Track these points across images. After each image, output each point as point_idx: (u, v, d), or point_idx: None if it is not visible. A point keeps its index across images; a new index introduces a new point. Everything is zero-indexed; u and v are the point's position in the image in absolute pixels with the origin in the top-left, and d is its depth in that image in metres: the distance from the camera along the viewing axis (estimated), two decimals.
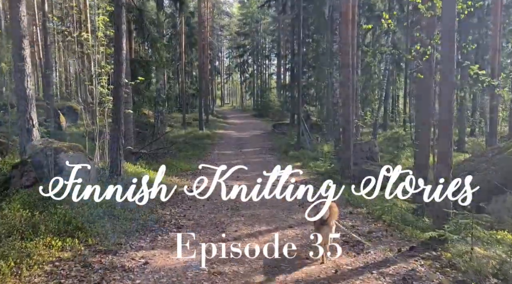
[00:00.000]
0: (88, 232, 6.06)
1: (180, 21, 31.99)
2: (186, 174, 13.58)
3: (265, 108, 41.52)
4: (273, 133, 27.05)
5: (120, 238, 6.18)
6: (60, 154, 7.75)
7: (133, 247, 5.89)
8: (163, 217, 7.81)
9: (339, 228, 6.32)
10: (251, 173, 13.99)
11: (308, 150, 19.13)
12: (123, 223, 6.84)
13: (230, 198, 9.70)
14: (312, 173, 14.29)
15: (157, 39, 14.67)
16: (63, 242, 5.54)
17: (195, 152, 18.72)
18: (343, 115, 12.14)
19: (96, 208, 6.95)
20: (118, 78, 8.87)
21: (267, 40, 53.91)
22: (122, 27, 8.71)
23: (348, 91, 11.95)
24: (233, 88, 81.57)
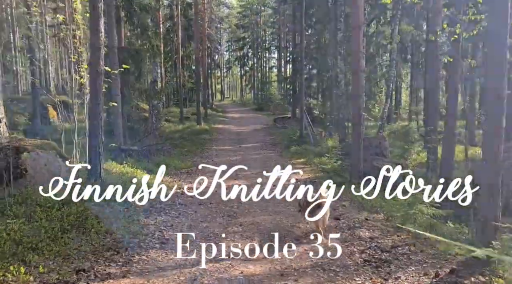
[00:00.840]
0: (46, 254, 4.75)
1: (177, 13, 30.56)
2: (180, 173, 12.28)
3: (266, 101, 40.13)
4: (274, 128, 25.71)
5: (85, 260, 4.86)
6: (22, 154, 6.44)
7: (98, 275, 4.54)
8: (145, 228, 6.49)
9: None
10: (251, 171, 12.72)
11: (312, 145, 17.82)
12: (93, 238, 5.53)
13: (228, 200, 8.48)
14: (317, 171, 12.99)
15: (147, 26, 13.32)
16: (4, 272, 4.17)
17: (191, 148, 17.42)
18: (354, 107, 10.80)
19: (62, 220, 5.66)
20: (96, 65, 7.55)
21: (267, 32, 52.39)
22: (99, 5, 7.38)
23: (359, 80, 10.59)
24: (233, 82, 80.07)
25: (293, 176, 12.15)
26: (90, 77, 7.80)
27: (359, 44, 10.57)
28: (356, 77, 10.63)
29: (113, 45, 11.90)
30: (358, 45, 10.56)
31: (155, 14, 18.50)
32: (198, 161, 14.75)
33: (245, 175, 12.15)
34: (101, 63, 7.56)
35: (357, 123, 10.71)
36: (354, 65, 10.73)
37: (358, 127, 10.69)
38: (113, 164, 9.86)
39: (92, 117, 7.80)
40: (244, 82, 58.09)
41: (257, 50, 50.03)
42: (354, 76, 10.67)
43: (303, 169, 13.53)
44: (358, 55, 10.53)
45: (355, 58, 10.57)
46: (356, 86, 10.67)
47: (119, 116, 12.26)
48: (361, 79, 10.69)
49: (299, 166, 14.04)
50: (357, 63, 10.60)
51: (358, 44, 10.55)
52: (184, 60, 37.73)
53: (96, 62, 7.53)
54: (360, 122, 10.69)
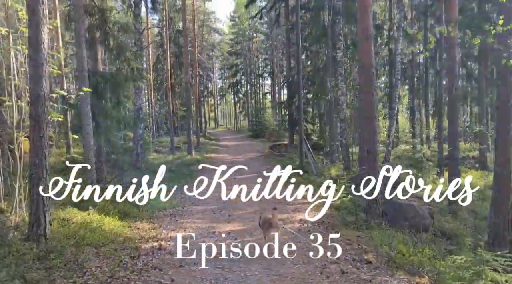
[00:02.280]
0: None
1: (166, 40, 29.03)
2: (162, 215, 10.17)
3: (261, 128, 38.27)
4: (270, 155, 23.71)
5: None
6: None
7: None
8: None
9: None
10: (247, 209, 10.66)
11: (314, 174, 15.82)
12: None
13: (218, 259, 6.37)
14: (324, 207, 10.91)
15: (125, 46, 11.47)
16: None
17: (180, 182, 15.38)
18: (367, 131, 8.84)
19: None
20: (36, 87, 5.58)
21: (260, 59, 51.15)
22: (40, 8, 5.48)
23: (372, 99, 8.70)
24: (227, 109, 78.58)
25: (297, 215, 10.11)
26: (30, 103, 5.80)
27: (371, 57, 8.73)
28: (369, 96, 8.73)
29: (83, 68, 9.99)
30: (369, 58, 8.72)
31: (139, 37, 16.71)
32: (186, 198, 12.69)
33: (241, 216, 10.07)
34: (42, 85, 5.59)
35: (371, 150, 8.73)
36: (365, 82, 8.83)
37: (373, 155, 8.71)
38: (74, 212, 7.76)
39: (33, 155, 5.77)
40: (238, 109, 56.45)
41: (250, 76, 48.63)
42: (366, 95, 8.77)
43: (307, 204, 11.48)
44: (370, 70, 8.68)
45: (367, 74, 8.70)
46: (368, 106, 8.75)
47: (91, 149, 10.23)
48: (374, 98, 8.78)
49: (302, 201, 12.00)
50: (369, 80, 8.72)
51: (370, 57, 8.72)
52: (176, 87, 36.08)
53: (37, 82, 5.57)
54: (375, 149, 8.74)
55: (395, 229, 8.14)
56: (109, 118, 11.45)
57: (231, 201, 12.11)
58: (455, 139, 11.20)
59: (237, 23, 48.33)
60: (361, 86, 9.01)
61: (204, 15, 38.27)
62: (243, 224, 9.16)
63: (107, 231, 7.23)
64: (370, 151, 8.67)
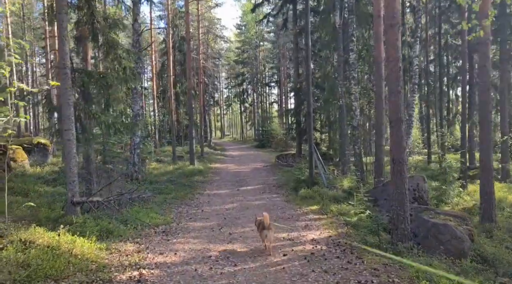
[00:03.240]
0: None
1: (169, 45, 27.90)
2: (152, 233, 8.74)
3: (267, 138, 36.89)
4: (277, 166, 22.28)
5: None
6: None
7: None
8: None
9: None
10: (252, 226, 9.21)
11: (325, 186, 14.31)
12: None
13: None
14: (339, 225, 9.44)
15: (116, 43, 10.18)
16: None
17: (179, 194, 13.94)
18: (394, 136, 7.36)
19: None
20: None
21: (267, 68, 49.97)
22: None
23: (398, 101, 7.24)
24: (234, 119, 77.40)
25: (308, 234, 8.65)
26: None
27: (397, 48, 7.29)
28: (395, 96, 7.28)
29: (65, 64, 8.69)
30: (395, 49, 7.28)
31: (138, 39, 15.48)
32: (184, 212, 11.29)
33: (243, 234, 8.62)
34: None
35: (399, 159, 7.24)
36: (392, 77, 7.39)
37: (400, 165, 7.21)
38: (39, 232, 6.36)
39: None
40: (245, 119, 55.15)
41: (257, 85, 47.43)
42: (392, 96, 7.32)
43: (319, 220, 10.03)
44: (396, 64, 7.24)
45: (393, 68, 7.26)
46: (395, 107, 7.30)
47: (72, 157, 8.88)
48: (399, 100, 7.33)
49: (313, 217, 10.54)
50: (396, 75, 7.29)
51: (396, 48, 7.28)
52: (180, 96, 34.93)
53: None
54: (403, 158, 7.24)
55: (429, 255, 6.64)
56: (96, 122, 10.09)
57: (233, 217, 10.70)
58: (489, 149, 9.71)
59: (243, 31, 47.30)
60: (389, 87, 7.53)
61: (210, 22, 37.20)
62: (245, 245, 7.72)
63: (77, 257, 5.84)
64: (397, 161, 7.19)
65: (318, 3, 21.32)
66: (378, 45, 12.35)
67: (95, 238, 7.02)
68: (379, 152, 12.65)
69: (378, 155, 12.65)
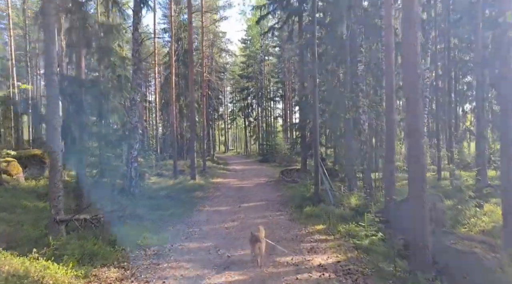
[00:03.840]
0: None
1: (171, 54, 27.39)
2: (142, 256, 7.89)
3: (272, 152, 36.04)
4: (281, 182, 21.39)
5: None
6: None
7: None
8: None
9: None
10: None
11: (331, 204, 13.43)
12: None
13: None
14: (348, 248, 8.56)
15: (109, 49, 9.49)
16: None
17: (176, 211, 13.10)
18: (410, 154, 6.52)
19: None
20: None
21: (271, 82, 49.40)
22: None
23: (417, 111, 6.42)
24: (238, 133, 76.74)
25: (314, 258, 7.77)
26: None
27: (416, 51, 6.49)
28: (413, 104, 6.48)
29: (52, 70, 7.99)
30: (414, 52, 6.50)
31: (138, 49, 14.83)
32: (180, 231, 10.45)
33: (242, 257, 7.76)
34: None
35: (418, 175, 6.39)
36: (409, 88, 6.59)
37: (420, 185, 6.36)
38: (6, 258, 5.53)
39: None
40: (249, 133, 54.40)
41: (261, 100, 46.78)
42: (410, 102, 6.52)
43: (326, 242, 9.15)
44: (414, 67, 6.44)
45: (411, 73, 6.46)
46: (413, 119, 6.48)
47: (58, 171, 8.12)
48: (420, 108, 6.52)
49: (319, 237, 9.67)
50: (414, 84, 6.49)
51: (414, 50, 6.49)
52: (183, 109, 34.33)
53: None
54: (423, 176, 6.39)
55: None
56: (87, 133, 9.35)
57: (232, 237, 9.84)
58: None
59: (248, 46, 46.89)
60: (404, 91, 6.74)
61: (215, 35, 36.78)
62: (244, 271, 6.86)
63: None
64: (415, 177, 6.35)
65: (324, 15, 20.70)
66: (389, 55, 11.60)
67: (75, 262, 6.20)
68: (390, 168, 11.77)
69: (388, 171, 11.76)
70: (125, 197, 13.80)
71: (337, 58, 19.83)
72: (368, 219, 9.25)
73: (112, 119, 10.37)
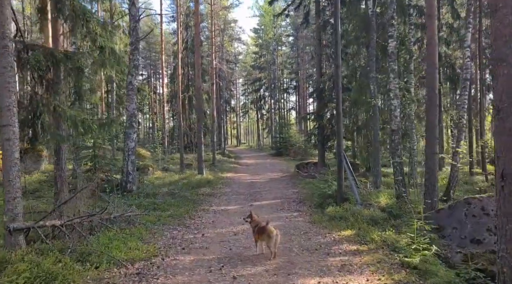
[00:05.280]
0: None
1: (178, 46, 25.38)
2: (120, 276, 5.90)
3: (285, 145, 33.89)
4: (297, 177, 19.29)
5: None
6: None
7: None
8: None
9: None
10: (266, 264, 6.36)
11: (357, 204, 11.30)
12: None
13: None
14: (391, 265, 6.42)
15: (85, 13, 7.47)
16: None
17: (177, 211, 11.10)
18: (501, 141, 4.33)
19: None
20: None
21: (285, 73, 47.12)
22: None
23: None
24: (250, 127, 74.71)
25: (349, 281, 5.70)
26: None
27: None
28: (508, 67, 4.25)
29: (4, 33, 6.01)
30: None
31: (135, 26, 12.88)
32: (177, 238, 8.46)
33: (253, 277, 5.73)
34: None
35: (507, 171, 4.19)
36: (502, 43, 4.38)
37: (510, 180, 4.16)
38: None
39: None
40: (261, 126, 52.28)
41: (274, 91, 44.56)
42: (500, 67, 4.31)
43: (359, 255, 7.03)
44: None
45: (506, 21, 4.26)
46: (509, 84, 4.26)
47: (13, 165, 6.17)
48: None
49: (349, 248, 7.57)
50: None
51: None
52: (192, 99, 32.40)
53: None
54: None
55: None
56: (60, 116, 7.37)
57: (241, 246, 7.83)
58: None
59: (261, 36, 44.64)
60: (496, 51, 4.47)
61: (225, 22, 34.62)
62: None
63: None
64: (507, 174, 4.18)
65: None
66: (431, 23, 9.39)
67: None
68: (432, 163, 9.59)
69: (430, 165, 9.59)
70: (119, 195, 11.87)
71: (359, 39, 17.62)
72: (414, 225, 7.06)
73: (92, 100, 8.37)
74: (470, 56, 12.99)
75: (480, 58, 20.65)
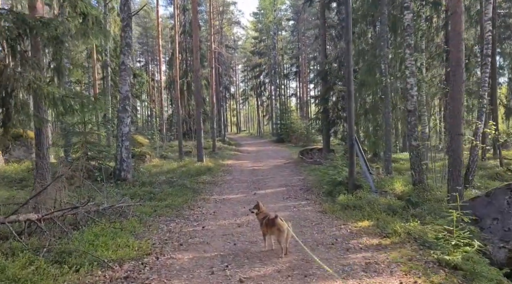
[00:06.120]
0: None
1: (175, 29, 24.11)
2: (105, 280, 4.88)
3: (287, 132, 32.79)
4: (301, 163, 18.25)
5: None
6: None
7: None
8: None
9: None
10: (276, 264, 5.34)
11: (372, 191, 10.29)
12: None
13: None
14: (424, 263, 5.39)
15: None
16: None
17: (175, 201, 10.07)
18: None
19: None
20: None
21: (285, 58, 45.76)
22: None
23: None
24: (250, 114, 73.49)
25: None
26: None
27: None
28: None
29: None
30: None
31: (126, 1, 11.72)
32: (175, 232, 7.44)
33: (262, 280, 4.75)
34: None
35: None
36: None
37: None
38: None
39: None
40: (262, 113, 51.09)
41: (275, 77, 43.30)
42: None
43: (384, 251, 6.02)
44: None
45: None
46: None
47: None
48: None
49: (369, 241, 6.56)
50: None
51: None
52: (191, 85, 31.20)
53: None
54: None
55: None
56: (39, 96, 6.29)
57: (247, 240, 6.82)
58: None
59: (260, 20, 43.17)
60: None
61: (224, 5, 33.22)
62: None
63: None
64: None
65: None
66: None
67: None
68: (456, 145, 8.53)
69: (454, 150, 8.52)
70: (112, 184, 10.83)
71: (366, 17, 16.45)
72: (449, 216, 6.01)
73: (73, 76, 7.27)
74: (491, 29, 11.81)
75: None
